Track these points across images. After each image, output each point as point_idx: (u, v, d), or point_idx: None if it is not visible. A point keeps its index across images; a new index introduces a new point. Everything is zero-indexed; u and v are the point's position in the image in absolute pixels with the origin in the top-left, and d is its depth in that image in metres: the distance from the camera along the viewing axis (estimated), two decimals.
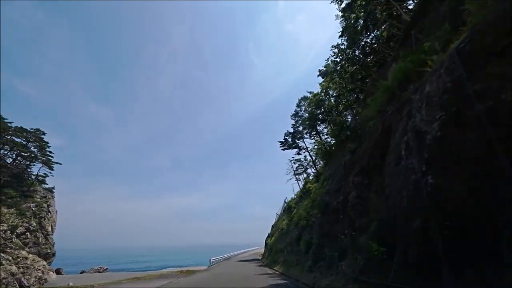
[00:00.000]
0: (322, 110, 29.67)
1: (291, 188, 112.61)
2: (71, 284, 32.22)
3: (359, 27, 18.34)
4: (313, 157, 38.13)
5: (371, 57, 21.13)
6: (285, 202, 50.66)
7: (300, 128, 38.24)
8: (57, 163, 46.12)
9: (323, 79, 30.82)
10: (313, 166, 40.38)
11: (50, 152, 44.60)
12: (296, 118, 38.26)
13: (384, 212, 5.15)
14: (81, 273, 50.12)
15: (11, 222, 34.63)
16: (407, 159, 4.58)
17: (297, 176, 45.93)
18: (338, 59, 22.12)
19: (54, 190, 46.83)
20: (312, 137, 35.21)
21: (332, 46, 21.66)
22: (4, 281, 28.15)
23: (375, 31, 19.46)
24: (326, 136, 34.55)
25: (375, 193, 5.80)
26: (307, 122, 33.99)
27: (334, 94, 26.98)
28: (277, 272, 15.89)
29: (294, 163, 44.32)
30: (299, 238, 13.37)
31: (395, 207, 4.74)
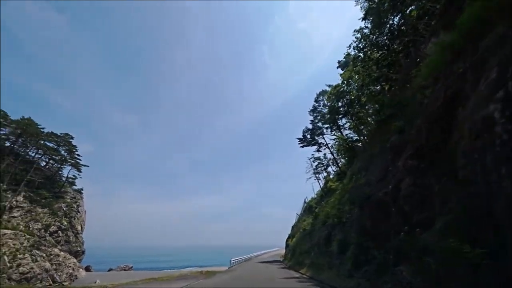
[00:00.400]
0: (344, 102, 27.87)
1: (310, 188, 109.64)
2: (98, 281, 33.41)
3: (386, 4, 16.62)
4: (334, 154, 36.18)
5: (398, 41, 19.22)
6: (305, 202, 48.97)
7: (319, 124, 36.54)
8: (84, 165, 48.67)
9: (343, 71, 29.03)
10: (335, 163, 38.37)
11: (78, 155, 47.17)
12: (315, 114, 36.61)
13: (461, 202, 3.91)
14: (108, 270, 52.32)
15: (45, 221, 36.87)
16: (505, 125, 3.31)
17: (316, 175, 44.05)
18: (361, 45, 20.43)
19: (82, 191, 49.40)
20: (333, 132, 33.33)
21: (354, 31, 20.04)
22: (39, 276, 29.82)
23: (404, 10, 17.58)
24: (348, 132, 32.54)
25: (440, 178, 4.53)
26: (327, 117, 32.26)
27: (357, 85, 25.16)
28: (305, 276, 14.58)
29: (313, 161, 42.61)
30: (328, 238, 12.01)
31: (484, 194, 3.49)
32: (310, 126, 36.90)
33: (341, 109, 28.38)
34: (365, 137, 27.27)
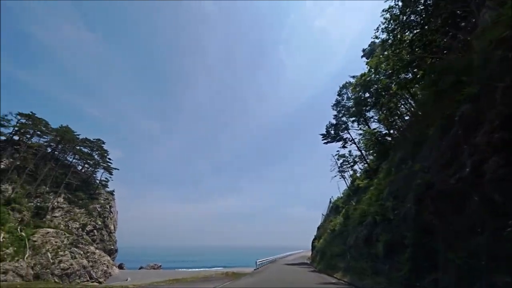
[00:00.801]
0: (371, 92, 25.77)
1: (335, 187, 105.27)
2: (129, 279, 34.84)
3: None
4: (362, 150, 33.82)
5: (435, 18, 17.02)
6: (330, 202, 46.77)
7: (344, 118, 34.47)
8: (115, 168, 51.71)
9: (368, 60, 26.89)
10: (362, 160, 35.94)
11: (109, 159, 50.24)
12: (338, 108, 34.62)
13: None
14: (139, 268, 54.92)
15: (82, 221, 39.57)
16: None
17: (342, 174, 41.68)
18: (390, 27, 18.51)
19: (114, 193, 52.44)
20: (360, 126, 31.16)
21: (382, 11, 18.18)
22: (77, 272, 31.88)
23: None
24: (376, 126, 30.12)
25: None
26: (352, 110, 30.24)
27: (386, 72, 23.02)
28: (342, 281, 13.05)
29: (338, 159, 40.34)
30: (369, 239, 10.55)
31: None
32: (333, 121, 35.01)
33: (368, 100, 26.30)
34: (399, 129, 24.92)
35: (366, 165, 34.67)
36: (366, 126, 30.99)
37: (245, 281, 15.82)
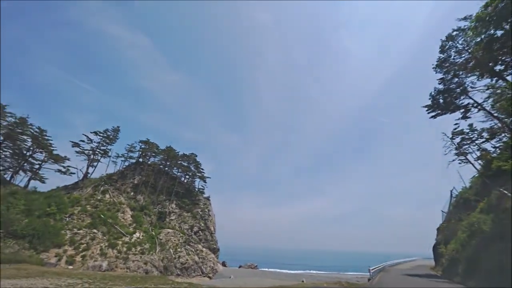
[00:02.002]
0: (506, 29, 17.64)
1: (452, 176, 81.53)
2: (232, 277, 37.74)
3: None
4: (494, 118, 23.93)
5: None
6: (452, 195, 35.57)
7: (455, 80, 25.68)
8: (208, 177, 59.27)
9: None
10: (502, 131, 25.46)
11: (202, 169, 58.15)
12: (445, 68, 26.15)
13: None
14: (239, 267, 59.70)
15: (189, 223, 46.80)
16: None
17: (461, 158, 30.45)
18: None
19: (210, 199, 59.88)
20: (491, 83, 22.33)
21: None
22: (192, 267, 37.31)
23: None
24: None
25: None
26: (471, 63, 22.05)
27: None
28: None
29: (453, 138, 29.96)
30: None
31: None
32: (440, 87, 26.65)
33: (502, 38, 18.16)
34: None
35: (509, 138, 24.23)
36: (503, 82, 21.65)
37: None
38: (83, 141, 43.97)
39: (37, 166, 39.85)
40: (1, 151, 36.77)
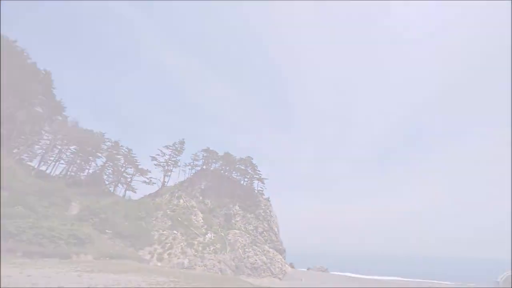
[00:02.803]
0: None
1: None
2: (303, 279, 36.34)
3: None
4: None
5: None
6: None
7: None
8: (265, 178, 60.05)
9: None
10: None
11: (259, 171, 59.35)
12: None
13: None
14: (307, 269, 57.51)
15: (253, 224, 48.05)
16: None
17: None
18: None
19: (270, 200, 60.35)
20: None
21: None
22: (261, 267, 37.88)
23: None
24: None
25: None
26: None
27: None
28: None
29: None
30: None
31: None
32: None
33: None
34: None
35: None
36: None
37: None
38: (158, 155, 51.45)
39: (129, 179, 48.83)
40: (105, 170, 46.94)
